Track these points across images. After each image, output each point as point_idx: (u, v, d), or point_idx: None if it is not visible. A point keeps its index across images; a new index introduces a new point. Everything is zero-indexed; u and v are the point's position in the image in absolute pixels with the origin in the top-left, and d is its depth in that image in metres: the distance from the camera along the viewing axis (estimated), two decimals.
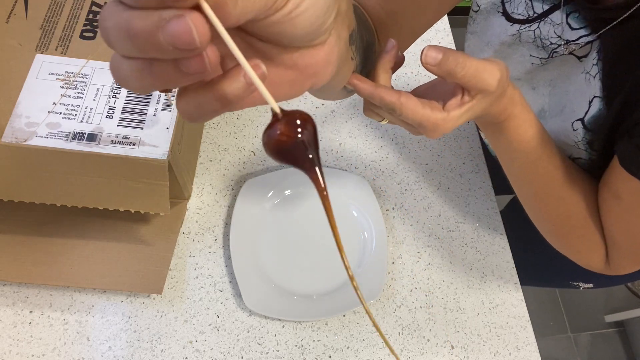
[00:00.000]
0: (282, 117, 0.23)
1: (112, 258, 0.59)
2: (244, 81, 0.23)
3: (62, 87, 0.53)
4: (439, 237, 0.69)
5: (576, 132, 0.48)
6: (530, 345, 0.63)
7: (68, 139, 0.51)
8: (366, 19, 0.48)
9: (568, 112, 0.49)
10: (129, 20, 0.20)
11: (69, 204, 0.53)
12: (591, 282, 0.84)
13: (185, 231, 0.64)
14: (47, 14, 0.57)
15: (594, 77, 0.45)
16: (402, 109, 0.37)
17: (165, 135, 0.52)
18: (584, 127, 0.47)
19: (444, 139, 0.76)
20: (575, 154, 0.51)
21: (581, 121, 0.47)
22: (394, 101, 0.37)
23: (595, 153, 0.49)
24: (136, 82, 0.22)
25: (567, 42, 0.46)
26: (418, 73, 0.81)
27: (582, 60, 0.47)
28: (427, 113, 0.38)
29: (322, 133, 0.74)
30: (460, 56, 0.35)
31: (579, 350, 1.63)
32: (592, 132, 0.47)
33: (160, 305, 0.60)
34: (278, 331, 0.60)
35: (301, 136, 0.23)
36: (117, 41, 0.22)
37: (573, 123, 0.48)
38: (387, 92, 0.37)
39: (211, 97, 0.23)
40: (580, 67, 0.47)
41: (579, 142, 0.48)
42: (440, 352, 0.61)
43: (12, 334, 0.56)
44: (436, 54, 0.35)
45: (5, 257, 0.57)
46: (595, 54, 0.45)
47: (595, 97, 0.45)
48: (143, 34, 0.20)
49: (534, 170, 0.48)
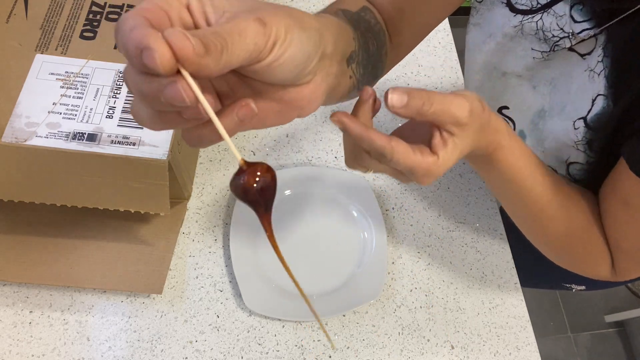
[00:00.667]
0: (246, 168, 0.27)
1: (112, 258, 0.59)
2: (236, 119, 0.28)
3: (62, 87, 0.53)
4: (439, 237, 0.69)
5: (577, 130, 0.47)
6: (530, 345, 0.63)
7: (68, 139, 0.51)
8: (375, 22, 0.48)
9: (569, 111, 0.48)
10: (140, 83, 0.25)
11: (69, 204, 0.53)
12: (583, 285, 0.84)
13: (185, 231, 0.64)
14: (47, 14, 0.57)
15: (598, 74, 0.44)
16: (393, 154, 0.35)
17: (165, 135, 0.52)
18: (586, 125, 0.46)
19: None
20: (572, 157, 0.50)
21: (583, 120, 0.46)
22: (384, 145, 0.35)
23: (593, 155, 0.48)
24: (151, 125, 0.28)
25: (572, 34, 0.45)
26: (418, 73, 0.81)
27: (586, 57, 0.46)
28: (419, 158, 0.36)
29: (322, 133, 0.74)
30: (425, 93, 0.34)
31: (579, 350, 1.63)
32: (594, 131, 0.46)
33: (160, 305, 0.60)
34: (278, 331, 0.60)
35: (257, 186, 0.27)
36: (134, 95, 0.27)
37: (575, 122, 0.47)
38: (377, 136, 0.35)
39: (209, 131, 0.28)
40: (583, 65, 0.46)
41: (578, 142, 0.48)
42: (440, 352, 0.61)
43: (12, 334, 0.56)
44: (401, 96, 0.34)
45: (5, 257, 0.57)
46: (600, 51, 0.44)
47: (599, 95, 0.44)
48: (150, 95, 0.25)
49: (528, 197, 0.47)
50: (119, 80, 0.54)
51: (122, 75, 0.46)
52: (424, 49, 0.83)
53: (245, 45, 0.25)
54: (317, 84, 0.32)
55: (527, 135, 0.55)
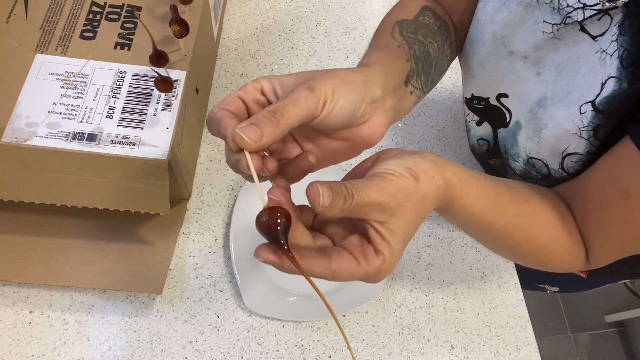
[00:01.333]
0: (269, 209, 0.32)
1: (112, 258, 0.59)
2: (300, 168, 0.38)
3: (62, 87, 0.53)
4: (439, 237, 0.69)
5: (583, 115, 0.45)
6: (530, 345, 0.63)
7: (68, 139, 0.51)
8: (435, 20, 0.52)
9: (575, 96, 0.46)
10: (227, 152, 0.36)
11: (69, 204, 0.53)
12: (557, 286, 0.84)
13: (185, 231, 0.64)
14: (47, 14, 0.57)
15: (611, 55, 0.42)
16: (336, 277, 0.34)
17: (165, 135, 0.52)
18: (595, 109, 0.44)
19: (443, 139, 0.76)
20: (571, 147, 0.48)
21: (591, 103, 0.44)
22: (324, 272, 0.34)
23: (596, 143, 0.46)
24: (236, 170, 0.37)
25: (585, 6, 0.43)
26: None
27: (598, 39, 0.44)
28: (364, 268, 0.34)
29: None
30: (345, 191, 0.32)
31: (579, 350, 1.63)
32: (603, 115, 0.44)
33: (160, 305, 0.60)
34: (278, 331, 0.60)
35: (276, 224, 0.32)
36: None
37: (581, 106, 0.45)
38: (316, 264, 0.33)
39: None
40: (595, 47, 0.44)
41: (583, 128, 0.45)
42: (440, 352, 0.62)
43: (12, 334, 0.56)
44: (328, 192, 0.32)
45: (5, 257, 0.57)
46: (615, 29, 0.42)
47: (610, 77, 0.42)
48: (232, 163, 0.36)
49: (489, 232, 0.45)
50: (119, 80, 0.54)
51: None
52: None
53: (299, 110, 0.34)
54: (375, 120, 0.39)
55: (523, 125, 0.53)
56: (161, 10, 0.59)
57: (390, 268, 0.35)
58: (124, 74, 0.55)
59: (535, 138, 0.51)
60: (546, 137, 0.49)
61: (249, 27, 0.81)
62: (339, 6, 0.86)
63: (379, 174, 0.35)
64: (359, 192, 0.33)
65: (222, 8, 0.78)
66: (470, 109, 0.61)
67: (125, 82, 0.54)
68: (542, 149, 0.51)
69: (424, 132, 0.76)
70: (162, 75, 0.51)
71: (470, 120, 0.63)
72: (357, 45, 0.82)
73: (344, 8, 0.86)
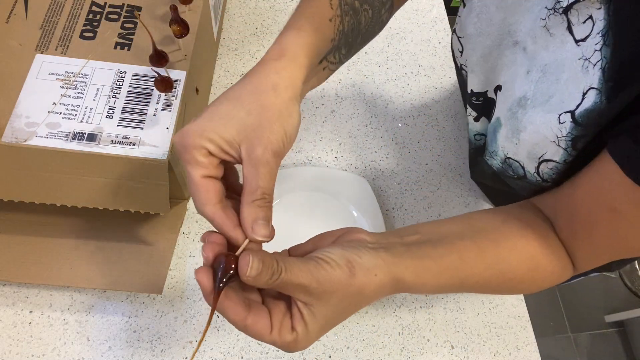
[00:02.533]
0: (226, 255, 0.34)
1: (112, 258, 0.59)
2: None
3: (62, 87, 0.53)
4: None
5: (562, 125, 0.43)
6: (530, 345, 0.63)
7: (68, 139, 0.51)
8: None
9: (555, 102, 0.44)
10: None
11: (69, 204, 0.53)
12: None
13: (185, 231, 0.64)
14: (47, 14, 0.57)
15: (594, 65, 0.40)
16: (246, 331, 0.35)
17: (165, 135, 0.52)
18: (574, 121, 0.42)
19: (443, 139, 0.76)
20: (548, 154, 0.46)
21: (571, 114, 0.42)
22: (237, 320, 0.35)
23: (574, 153, 0.44)
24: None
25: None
26: (418, 73, 0.81)
27: (580, 44, 0.42)
28: (275, 338, 0.35)
29: (322, 133, 0.74)
30: (276, 262, 0.34)
31: (579, 350, 1.63)
32: (582, 127, 0.42)
33: (160, 305, 0.60)
34: None
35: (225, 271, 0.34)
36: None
37: (560, 115, 0.43)
38: (234, 309, 0.35)
39: None
40: (577, 53, 0.42)
41: (561, 137, 0.44)
42: (440, 352, 0.62)
43: (12, 334, 0.56)
44: (257, 264, 0.33)
45: (5, 257, 0.57)
46: (599, 39, 0.40)
47: (591, 88, 0.40)
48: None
49: (464, 287, 0.45)
50: (119, 80, 0.54)
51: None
52: (424, 49, 0.83)
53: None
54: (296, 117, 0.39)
55: (503, 124, 0.52)
56: (161, 10, 0.59)
57: (301, 347, 0.36)
58: (124, 74, 0.55)
59: (514, 139, 0.50)
60: (524, 140, 0.48)
61: (249, 27, 0.81)
62: None
63: (316, 257, 0.36)
64: (288, 271, 0.34)
65: (222, 8, 0.78)
66: (469, 105, 0.61)
67: (125, 82, 0.54)
68: (519, 151, 0.50)
69: (424, 132, 0.76)
70: (162, 75, 0.51)
71: (469, 115, 0.62)
72: None
73: None
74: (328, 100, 0.77)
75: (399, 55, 0.82)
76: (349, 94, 0.78)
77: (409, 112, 0.77)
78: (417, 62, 0.82)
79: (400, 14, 0.86)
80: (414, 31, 0.84)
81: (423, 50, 0.83)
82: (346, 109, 0.76)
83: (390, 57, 0.82)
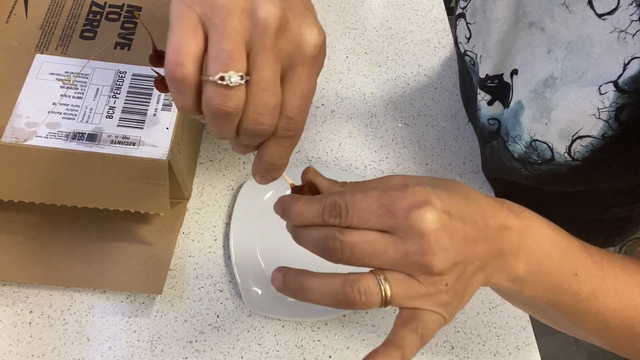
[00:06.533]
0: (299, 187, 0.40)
1: (112, 258, 0.59)
2: None
3: (62, 87, 0.53)
4: None
5: (604, 96, 0.42)
6: (530, 345, 0.63)
7: (68, 139, 0.51)
8: None
9: (592, 77, 0.43)
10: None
11: (69, 204, 0.53)
12: None
13: (185, 231, 0.64)
14: (47, 14, 0.57)
15: (633, 35, 0.40)
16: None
17: (165, 135, 0.52)
18: (618, 89, 0.41)
19: (443, 139, 0.76)
20: (585, 130, 0.45)
21: (613, 84, 0.42)
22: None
23: (615, 126, 0.43)
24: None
25: None
26: (418, 73, 0.81)
27: (606, 17, 0.42)
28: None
29: (322, 133, 0.74)
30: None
31: (579, 350, 1.63)
32: (628, 95, 0.41)
33: (160, 305, 0.60)
34: (278, 331, 0.60)
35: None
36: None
37: (600, 87, 0.42)
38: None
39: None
40: (606, 26, 0.42)
41: (603, 109, 0.42)
42: (440, 352, 0.61)
43: (12, 334, 0.56)
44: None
45: (5, 257, 0.57)
46: (633, 9, 0.40)
47: (634, 57, 0.40)
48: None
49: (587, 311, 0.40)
50: (119, 80, 0.54)
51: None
52: (424, 49, 0.83)
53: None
54: None
55: (526, 105, 0.51)
56: (161, 10, 0.59)
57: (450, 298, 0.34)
58: (124, 74, 0.55)
59: (543, 119, 0.49)
60: (556, 118, 0.47)
61: None
62: (339, 6, 0.86)
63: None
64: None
65: None
66: (482, 89, 0.61)
67: (125, 82, 0.54)
68: (549, 131, 0.49)
69: (424, 132, 0.76)
70: (162, 75, 0.51)
71: (482, 99, 0.61)
72: (357, 45, 0.82)
73: (344, 8, 0.86)
74: (328, 100, 0.77)
75: (399, 55, 0.82)
76: (349, 94, 0.78)
77: (409, 112, 0.77)
78: (417, 62, 0.82)
79: (400, 14, 0.86)
80: (414, 31, 0.84)
81: (423, 50, 0.83)
82: (346, 109, 0.76)
83: (390, 57, 0.82)
